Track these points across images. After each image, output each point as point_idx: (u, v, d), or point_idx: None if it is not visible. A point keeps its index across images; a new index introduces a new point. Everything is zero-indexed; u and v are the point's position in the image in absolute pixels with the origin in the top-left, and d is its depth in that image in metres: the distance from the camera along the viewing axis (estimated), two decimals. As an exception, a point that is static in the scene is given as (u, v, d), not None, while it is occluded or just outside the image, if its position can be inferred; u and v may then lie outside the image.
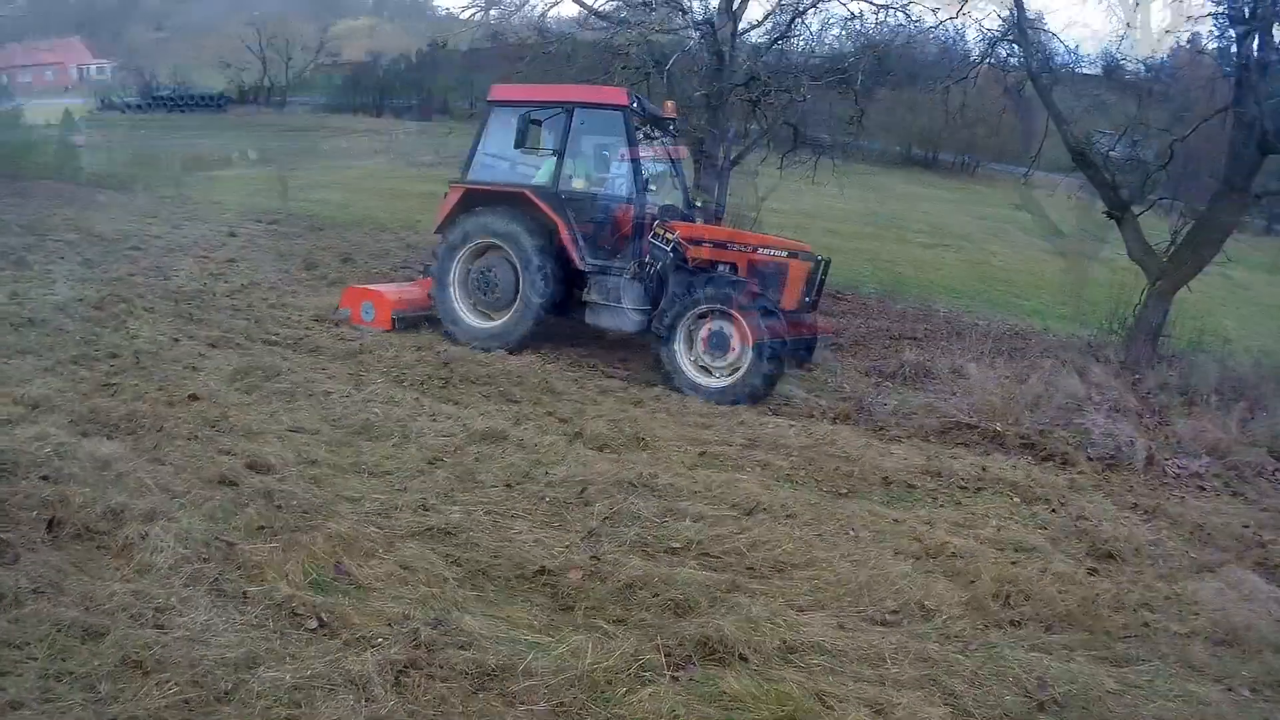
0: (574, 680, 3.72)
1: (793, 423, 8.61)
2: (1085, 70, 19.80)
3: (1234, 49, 13.88)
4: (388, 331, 10.62)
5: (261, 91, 68.02)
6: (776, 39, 17.59)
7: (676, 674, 3.89)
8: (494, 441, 6.88)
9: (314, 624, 3.96)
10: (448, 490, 5.90)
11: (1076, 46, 64.53)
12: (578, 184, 10.92)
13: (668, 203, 11.10)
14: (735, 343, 9.58)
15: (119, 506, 4.66)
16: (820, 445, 7.81)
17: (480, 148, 11.04)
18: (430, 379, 8.62)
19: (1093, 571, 5.87)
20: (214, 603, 3.99)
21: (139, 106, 57.28)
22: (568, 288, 10.50)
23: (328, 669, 3.58)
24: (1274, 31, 13.34)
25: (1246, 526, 7.70)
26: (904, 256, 26.50)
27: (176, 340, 8.86)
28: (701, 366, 9.75)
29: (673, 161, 11.93)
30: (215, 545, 4.48)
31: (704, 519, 5.73)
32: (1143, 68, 23.29)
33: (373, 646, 3.78)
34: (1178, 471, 9.39)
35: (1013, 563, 5.60)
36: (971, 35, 19.37)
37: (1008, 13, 15.55)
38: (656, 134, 11.47)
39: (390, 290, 11.48)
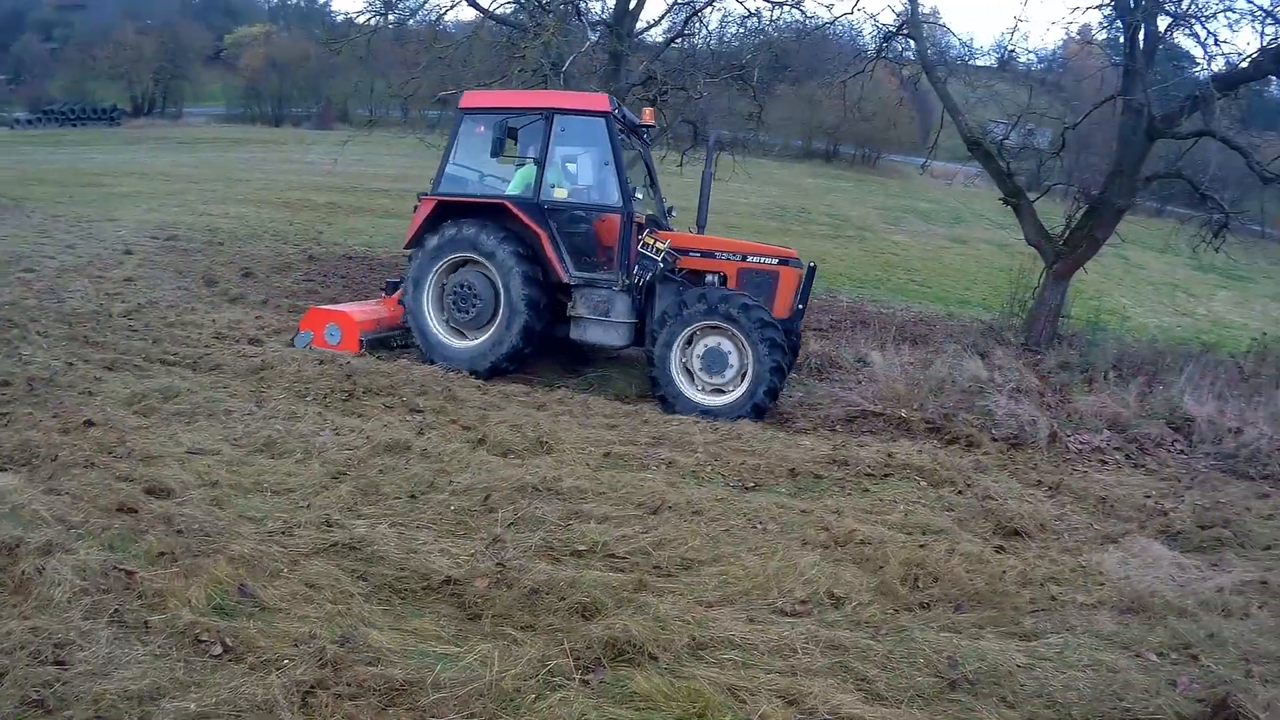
0: (483, 690, 3.63)
1: (697, 419, 8.60)
2: (979, 62, 20.23)
3: (1122, 39, 14.32)
4: (357, 355, 10.17)
5: (156, 103, 66.35)
6: (673, 38, 17.66)
7: (586, 678, 3.83)
8: (398, 452, 6.74)
9: (218, 650, 3.81)
10: (352, 504, 5.76)
11: (971, 39, 66.03)
12: (560, 193, 10.37)
13: (647, 212, 10.77)
14: (734, 359, 9.33)
15: (14, 541, 4.42)
16: (726, 440, 7.82)
17: (450, 158, 10.56)
18: (333, 392, 8.40)
19: (1000, 549, 5.96)
20: (115, 635, 3.81)
21: (29, 122, 55.53)
22: (551, 303, 10.13)
23: (233, 695, 3.46)
24: (1158, 22, 13.78)
25: (1148, 496, 7.91)
26: (808, 249, 26.65)
27: (71, 364, 8.48)
28: (698, 384, 9.46)
29: (648, 169, 11.63)
30: (115, 575, 4.28)
31: (609, 520, 5.69)
32: (1034, 58, 23.87)
33: (278, 669, 3.65)
34: (1080, 447, 9.62)
35: (921, 546, 5.65)
36: (868, 31, 19.70)
37: (902, 7, 15.80)
38: (633, 141, 11.10)
39: (356, 310, 10.96)
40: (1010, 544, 6.18)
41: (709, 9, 17.52)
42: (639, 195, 10.37)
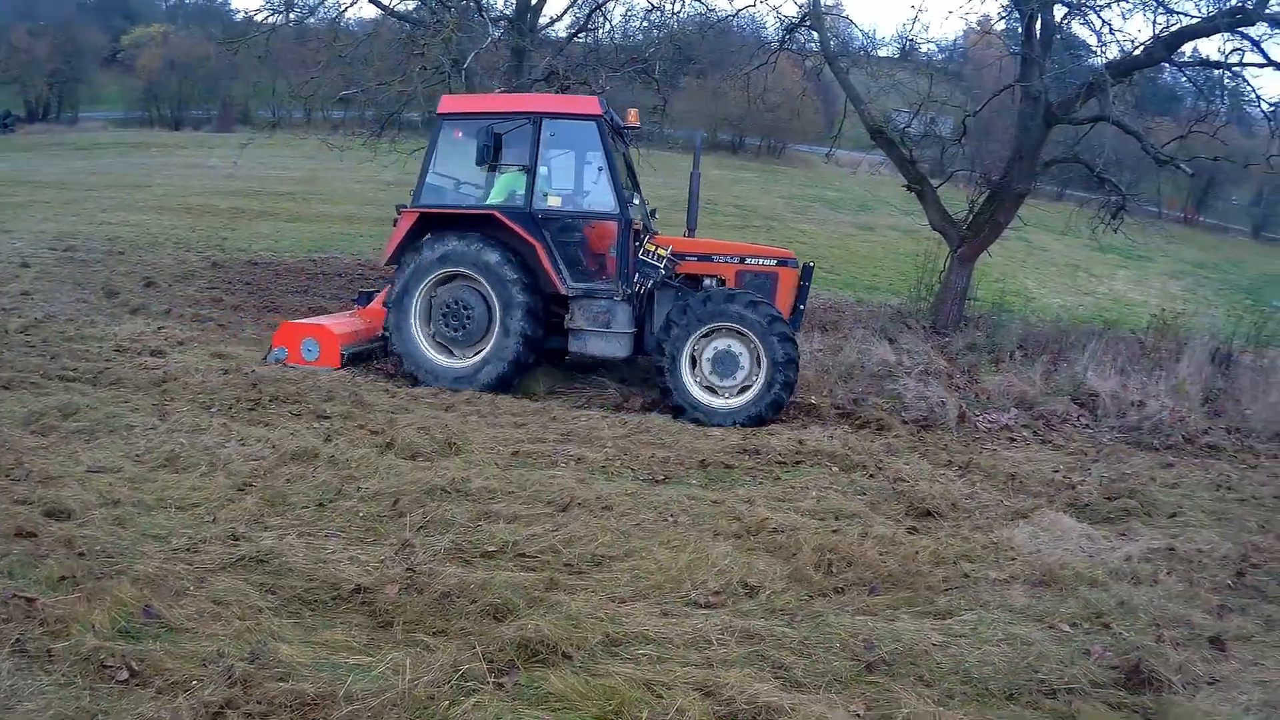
0: (396, 700, 3.52)
1: (606, 414, 8.55)
2: (882, 53, 20.51)
3: (1020, 29, 14.64)
4: (336, 370, 9.74)
5: (51, 107, 64.12)
6: (576, 32, 17.56)
7: (500, 681, 3.73)
8: (305, 461, 6.56)
9: (125, 675, 3.62)
10: (259, 516, 5.56)
11: (873, 30, 67.17)
12: (553, 201, 9.93)
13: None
14: (745, 360, 9.15)
15: (-93, 573, 4.18)
16: (635, 434, 7.78)
17: (430, 167, 9.99)
18: (239, 402, 8.13)
19: (912, 530, 6.02)
20: (17, 666, 3.60)
21: (-83, 130, 53.25)
22: (546, 316, 9.76)
23: (140, 721, 3.30)
24: (1054, 11, 14.10)
25: (1056, 471, 8.08)
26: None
27: (-37, 385, 8.11)
28: (707, 388, 9.22)
29: (631, 173, 11.05)
30: (14, 603, 4.04)
31: (519, 519, 5.60)
32: (935, 49, 24.28)
33: (186, 690, 3.49)
34: (988, 426, 9.82)
35: (833, 531, 5.67)
36: (770, 23, 19.82)
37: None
38: (617, 144, 10.46)
39: (334, 323, 10.44)
40: (923, 524, 6.24)
41: (612, 3, 17.48)
42: (635, 201, 10.15)
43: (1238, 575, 5.91)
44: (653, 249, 9.55)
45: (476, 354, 9.66)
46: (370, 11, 17.61)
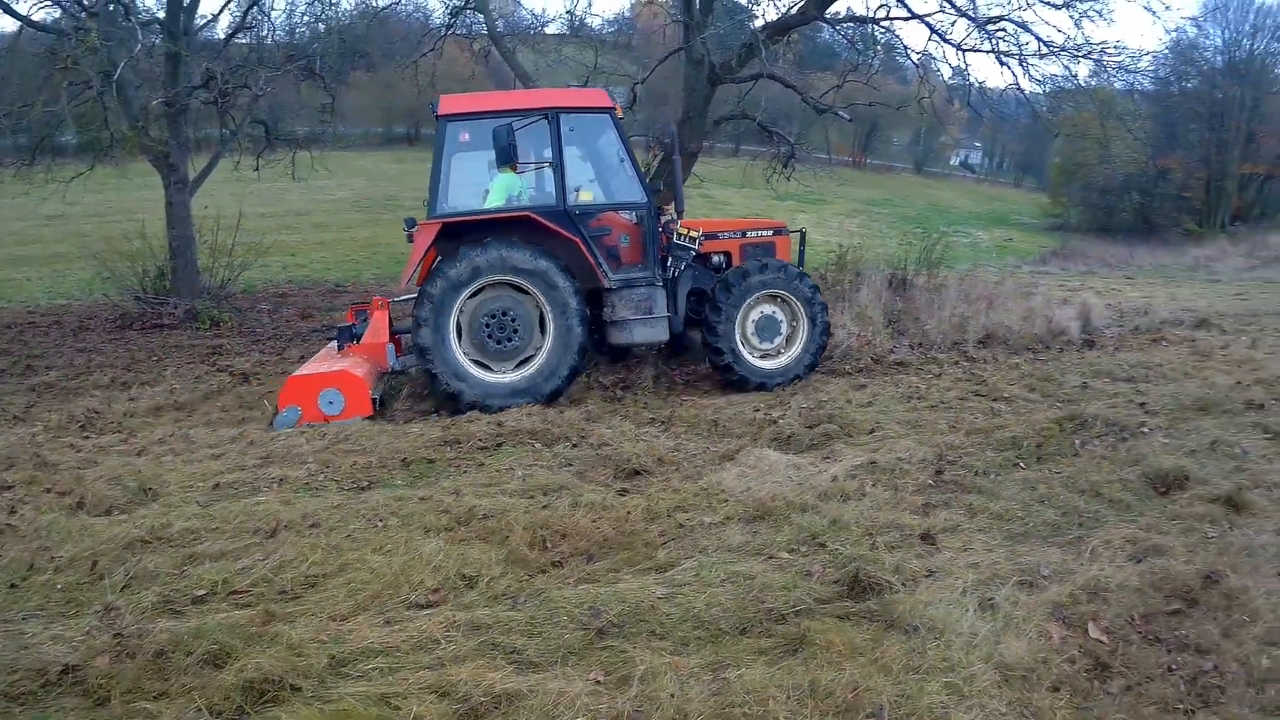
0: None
1: (304, 430, 8.10)
2: (551, 30, 20.64)
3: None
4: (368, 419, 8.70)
5: None
6: (234, 32, 16.56)
7: (232, 730, 3.43)
8: (-11, 541, 5.78)
9: None
10: (-55, 615, 4.84)
11: (543, 10, 67.77)
12: (585, 196, 9.60)
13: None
14: (785, 325, 9.90)
15: None
16: (335, 445, 7.45)
17: (442, 173, 9.21)
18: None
19: (623, 492, 6.09)
20: None
21: None
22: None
23: None
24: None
25: (756, 410, 8.42)
26: (399, 236, 26.31)
27: None
28: (754, 351, 9.84)
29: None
30: None
31: (226, 555, 5.20)
32: (603, 21, 24.65)
33: None
34: (685, 378, 10.11)
35: (543, 507, 5.63)
36: (436, 8, 19.53)
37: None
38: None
39: (349, 366, 9.13)
40: (632, 484, 6.33)
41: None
42: (659, 189, 9.97)
43: (937, 474, 6.38)
44: (685, 232, 9.72)
45: (524, 363, 9.23)
46: (8, 23, 15.73)
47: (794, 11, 14.61)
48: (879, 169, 64.98)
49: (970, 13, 13.73)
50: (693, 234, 9.76)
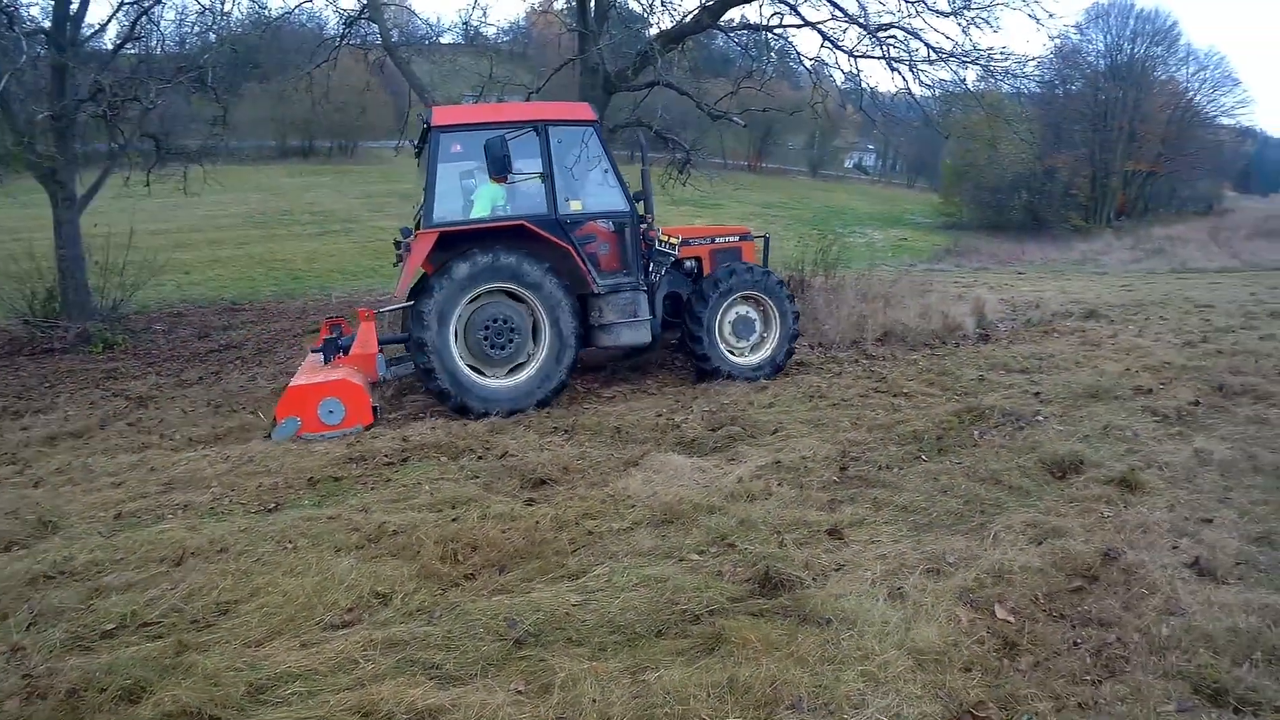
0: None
1: (207, 451, 7.91)
2: (446, 39, 20.52)
3: (575, 4, 15.19)
4: (366, 428, 8.54)
5: None
6: (123, 43, 16.06)
7: (149, 767, 3.32)
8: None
9: None
10: None
11: (437, 19, 67.18)
12: (575, 205, 9.87)
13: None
14: (759, 324, 10.56)
15: None
16: (239, 467, 7.26)
17: (436, 183, 9.27)
18: None
19: (530, 502, 6.08)
20: None
21: None
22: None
23: None
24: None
25: (659, 415, 8.50)
26: (296, 251, 26.26)
27: None
28: (730, 350, 10.41)
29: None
30: None
31: (134, 586, 5.02)
32: (498, 30, 24.63)
33: None
34: (587, 386, 10.20)
35: (453, 520, 5.60)
36: (331, 18, 19.24)
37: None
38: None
39: (346, 375, 8.87)
40: (540, 493, 6.32)
41: (158, 6, 16.04)
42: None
43: (841, 471, 6.53)
44: (665, 239, 10.18)
45: (518, 369, 9.51)
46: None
47: (689, 20, 14.81)
48: (774, 172, 65.89)
49: (861, 20, 14.12)
50: (672, 240, 10.23)
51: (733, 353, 10.45)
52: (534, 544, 5.21)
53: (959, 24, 14.18)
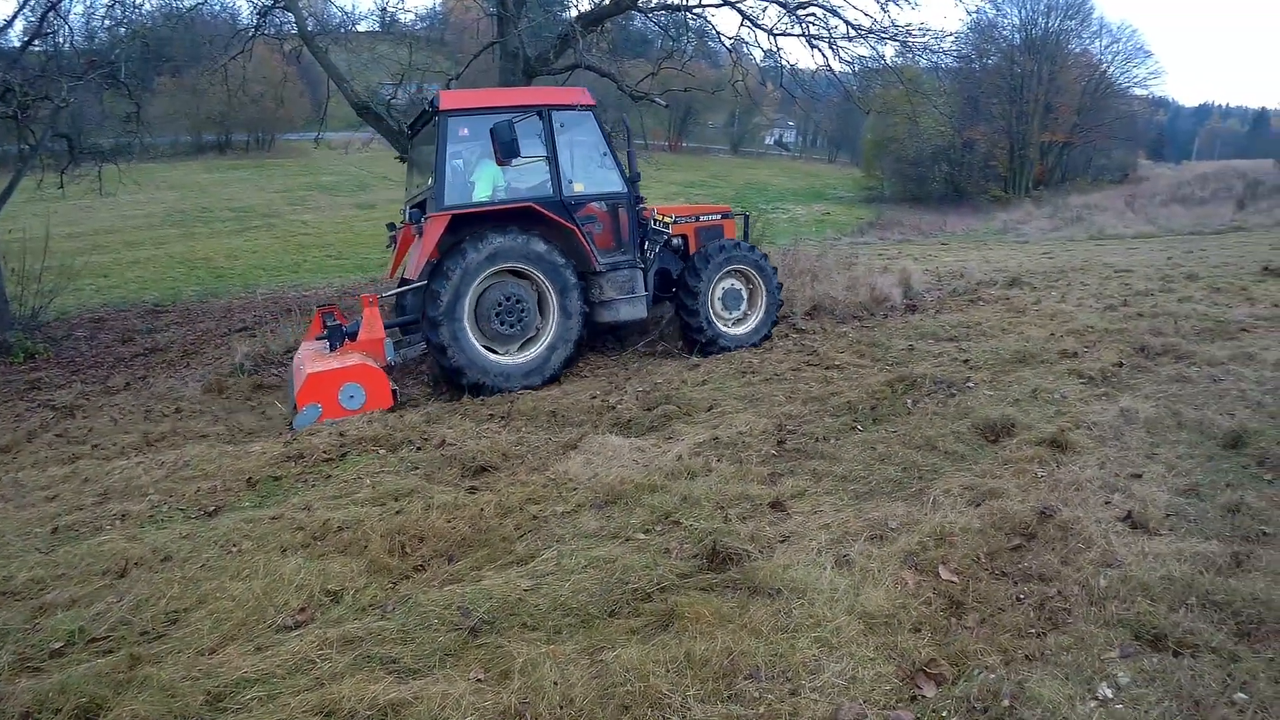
0: None
1: (141, 459, 7.76)
2: (362, 27, 20.26)
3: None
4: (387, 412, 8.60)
5: None
6: (30, 39, 15.57)
7: (108, 791, 3.26)
8: None
9: None
10: None
11: (353, 7, 66.09)
12: (579, 187, 10.31)
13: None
14: (745, 296, 11.11)
15: None
16: (176, 472, 7.12)
17: (447, 166, 9.56)
18: None
19: (473, 490, 6.07)
20: None
21: None
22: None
23: None
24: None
25: (594, 397, 8.56)
26: (217, 249, 25.82)
27: None
28: (723, 320, 10.98)
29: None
30: None
31: (78, 602, 4.89)
32: (415, 18, 24.32)
33: None
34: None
35: (397, 513, 5.58)
36: (245, 8, 18.87)
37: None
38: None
39: (363, 360, 8.92)
40: (481, 481, 6.31)
41: (65, 1, 15.54)
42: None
43: (779, 444, 6.63)
44: (659, 219, 10.79)
45: (529, 345, 9.85)
46: None
47: (608, 1, 14.80)
48: (696, 152, 66.13)
49: (781, -1, 14.22)
50: (665, 219, 10.85)
51: (724, 324, 10.95)
52: (480, 532, 5.22)
53: (877, 1, 14.36)
